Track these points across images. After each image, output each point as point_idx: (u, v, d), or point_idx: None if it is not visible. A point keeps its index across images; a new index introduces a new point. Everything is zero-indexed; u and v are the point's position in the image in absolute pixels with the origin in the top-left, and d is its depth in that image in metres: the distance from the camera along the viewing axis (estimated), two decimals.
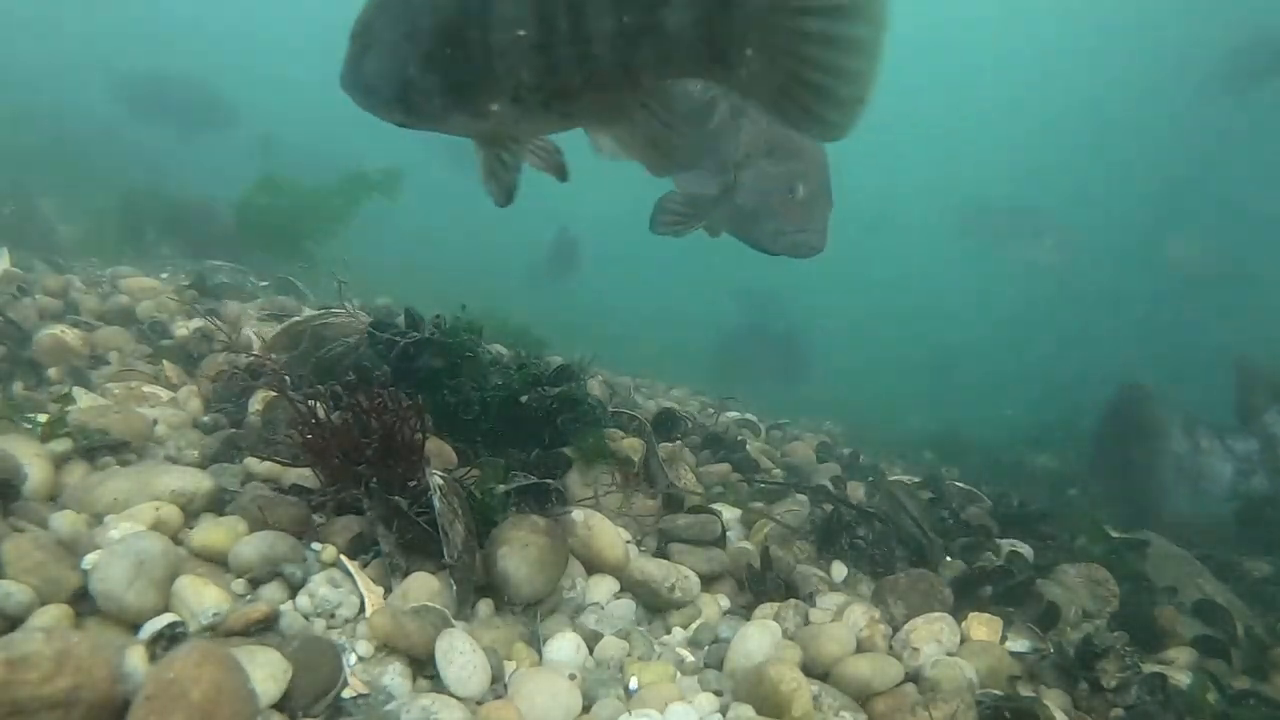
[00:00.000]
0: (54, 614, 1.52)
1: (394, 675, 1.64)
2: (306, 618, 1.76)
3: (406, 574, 1.93)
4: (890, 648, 2.17)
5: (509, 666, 1.82)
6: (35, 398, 2.47)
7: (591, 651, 1.98)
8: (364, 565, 1.96)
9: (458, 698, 1.63)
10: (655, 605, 2.27)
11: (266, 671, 1.45)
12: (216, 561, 1.83)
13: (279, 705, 1.47)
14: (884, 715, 1.92)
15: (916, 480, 4.02)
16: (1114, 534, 3.56)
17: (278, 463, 2.19)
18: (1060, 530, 3.45)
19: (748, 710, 1.80)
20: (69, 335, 2.88)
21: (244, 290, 4.73)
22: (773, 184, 2.67)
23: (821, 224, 2.70)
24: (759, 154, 2.70)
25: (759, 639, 2.03)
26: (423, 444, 2.11)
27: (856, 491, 3.63)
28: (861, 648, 2.13)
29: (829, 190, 2.75)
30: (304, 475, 2.17)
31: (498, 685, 1.74)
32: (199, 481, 2.01)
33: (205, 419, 2.58)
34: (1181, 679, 2.39)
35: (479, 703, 1.66)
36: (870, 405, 8.67)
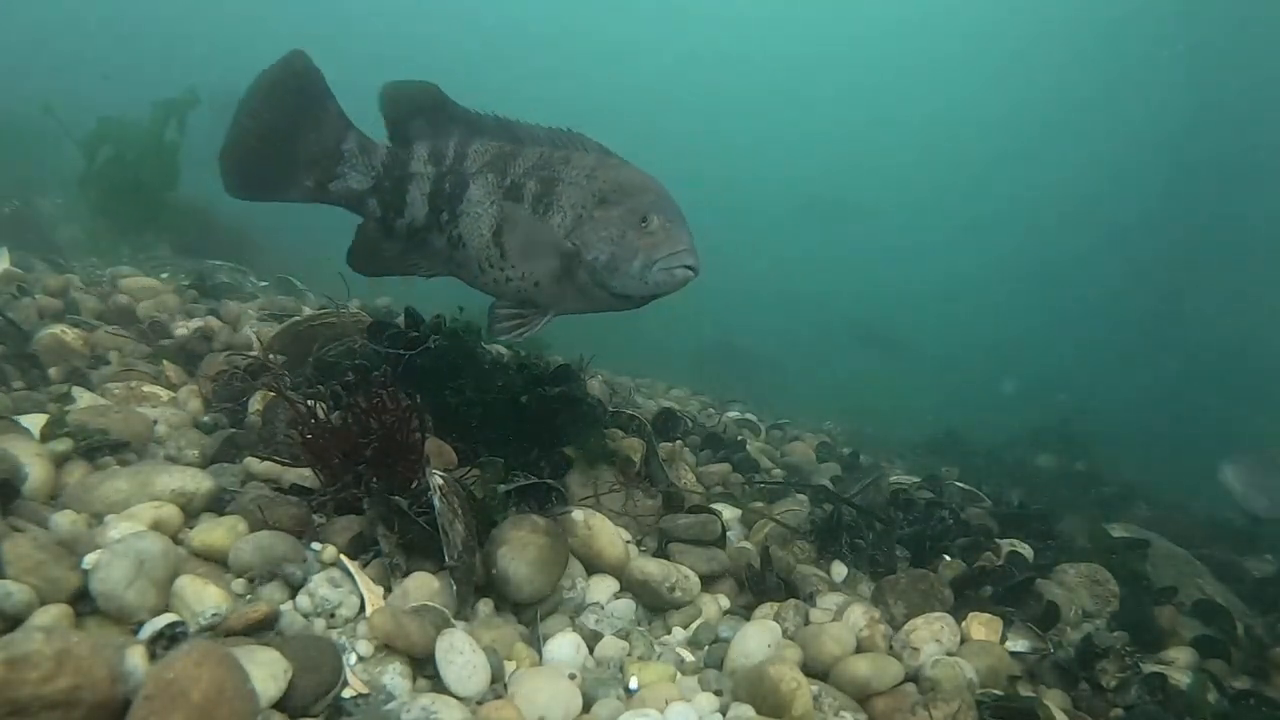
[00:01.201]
0: (54, 614, 1.52)
1: (394, 675, 1.64)
2: (306, 617, 1.76)
3: (406, 574, 1.93)
4: (890, 648, 2.17)
5: (509, 666, 1.82)
6: (35, 397, 2.47)
7: (591, 651, 1.98)
8: (364, 565, 1.96)
9: (458, 697, 1.63)
10: (655, 605, 2.27)
11: (266, 671, 1.45)
12: (217, 561, 1.83)
13: (279, 705, 1.47)
14: (884, 715, 1.92)
15: (916, 480, 4.02)
16: (1114, 534, 3.56)
17: (278, 463, 2.19)
18: (1062, 529, 3.46)
19: (748, 710, 1.80)
20: (69, 335, 2.88)
21: (243, 290, 4.74)
22: (621, 224, 2.49)
23: (690, 244, 2.49)
24: (590, 208, 2.54)
25: (759, 639, 2.03)
26: (422, 444, 2.11)
27: None
28: (861, 648, 2.13)
29: (682, 214, 2.57)
30: (304, 475, 2.17)
31: (498, 685, 1.74)
32: (199, 481, 2.01)
33: (205, 419, 2.57)
34: (1181, 679, 2.39)
35: (479, 702, 1.66)
36: (871, 406, 8.68)
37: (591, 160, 2.63)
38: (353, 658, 1.68)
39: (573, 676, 1.81)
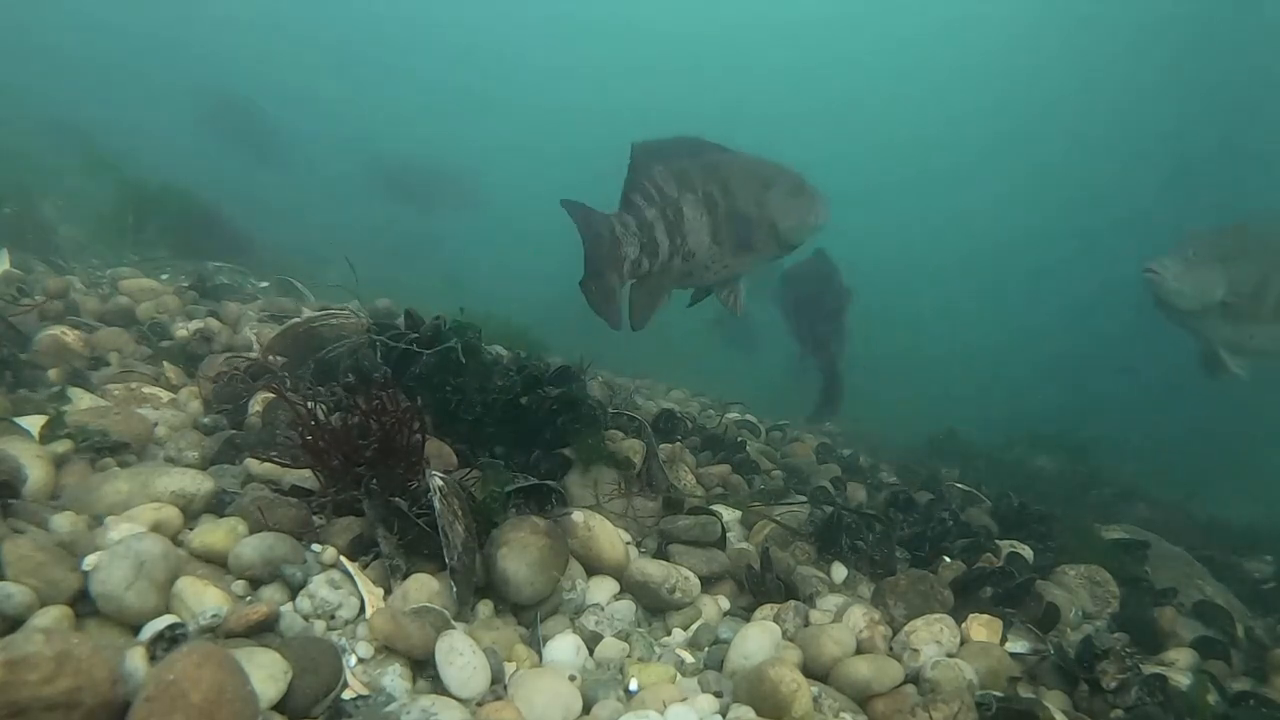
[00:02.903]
0: (54, 615, 1.52)
1: (394, 676, 1.64)
2: (306, 619, 1.76)
3: (406, 575, 1.93)
4: (890, 649, 2.17)
5: (509, 667, 1.82)
6: (34, 398, 2.47)
7: (591, 652, 1.98)
8: (364, 566, 1.96)
9: (457, 699, 1.63)
10: (655, 606, 2.27)
11: (266, 673, 1.45)
12: (217, 563, 1.83)
13: (279, 706, 1.47)
14: (884, 716, 1.92)
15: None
16: (1114, 535, 3.56)
17: (278, 464, 2.19)
18: (1060, 531, 3.45)
19: (748, 711, 1.80)
20: (69, 336, 2.88)
21: (244, 291, 4.74)
22: (790, 197, 3.48)
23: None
24: (762, 193, 3.47)
25: (759, 640, 2.03)
26: (422, 445, 2.11)
27: (857, 493, 3.63)
28: (861, 649, 2.13)
29: None
30: (304, 476, 2.17)
31: (497, 686, 1.74)
32: (199, 483, 2.01)
33: (205, 420, 2.57)
34: (1181, 680, 2.39)
35: (479, 704, 1.66)
36: (871, 407, 8.67)
37: (730, 158, 3.42)
38: (353, 659, 1.68)
39: (573, 678, 1.81)
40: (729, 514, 2.90)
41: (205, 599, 1.65)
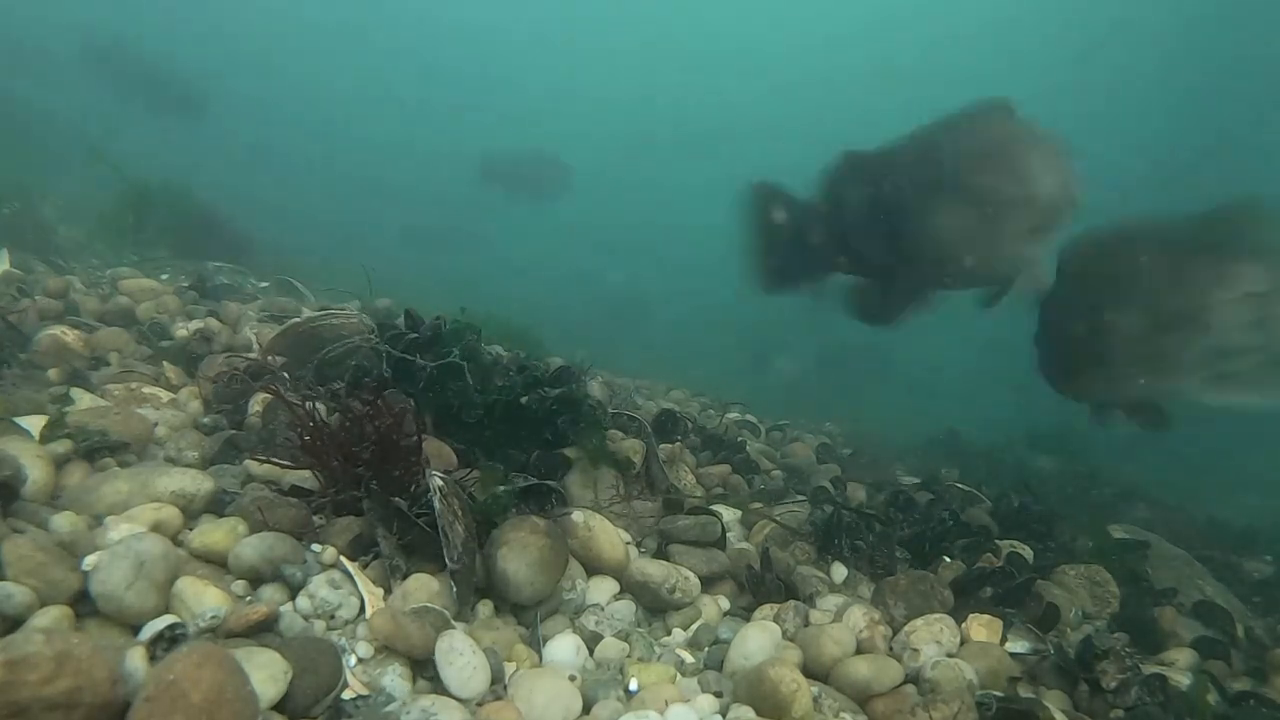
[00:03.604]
0: (54, 615, 1.52)
1: (394, 676, 1.64)
2: (306, 619, 1.76)
3: (406, 575, 1.93)
4: (890, 649, 2.17)
5: (509, 667, 1.82)
6: (34, 398, 2.47)
7: (591, 653, 1.98)
8: (364, 566, 1.96)
9: (457, 699, 1.63)
10: (655, 606, 2.27)
11: (266, 673, 1.45)
12: (216, 563, 1.83)
13: (279, 706, 1.47)
14: (884, 716, 1.92)
15: (916, 481, 4.02)
16: (1115, 535, 3.56)
17: (277, 464, 2.19)
18: (1061, 530, 3.45)
19: (748, 711, 1.80)
20: (69, 336, 2.88)
21: (244, 291, 4.73)
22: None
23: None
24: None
25: (759, 640, 2.03)
26: (419, 446, 2.11)
27: (857, 493, 3.63)
28: (861, 649, 2.13)
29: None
30: (304, 477, 2.17)
31: (497, 686, 1.74)
32: (199, 483, 2.01)
33: (205, 420, 2.57)
34: (1181, 680, 2.39)
35: (479, 704, 1.66)
36: (870, 407, 8.68)
37: (979, 139, 3.33)
38: (353, 659, 1.68)
39: (573, 678, 1.81)
40: (729, 514, 2.91)
41: (205, 599, 1.65)
